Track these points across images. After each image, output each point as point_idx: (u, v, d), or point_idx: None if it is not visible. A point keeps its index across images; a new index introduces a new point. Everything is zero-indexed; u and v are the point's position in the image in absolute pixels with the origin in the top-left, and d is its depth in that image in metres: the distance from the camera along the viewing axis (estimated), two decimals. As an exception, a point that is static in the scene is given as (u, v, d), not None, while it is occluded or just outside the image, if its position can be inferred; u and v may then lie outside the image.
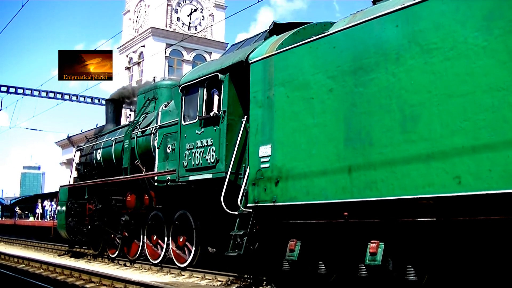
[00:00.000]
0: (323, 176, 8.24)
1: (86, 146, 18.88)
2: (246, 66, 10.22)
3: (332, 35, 8.53)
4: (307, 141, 8.61)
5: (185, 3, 52.73)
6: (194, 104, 11.52)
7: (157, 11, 49.50)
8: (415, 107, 7.05)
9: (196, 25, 52.08)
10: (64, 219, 18.06)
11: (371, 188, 7.46)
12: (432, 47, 6.95)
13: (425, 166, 6.83)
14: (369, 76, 7.73)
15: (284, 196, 8.88)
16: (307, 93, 8.72)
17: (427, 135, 6.86)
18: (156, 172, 13.20)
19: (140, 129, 14.61)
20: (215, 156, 10.63)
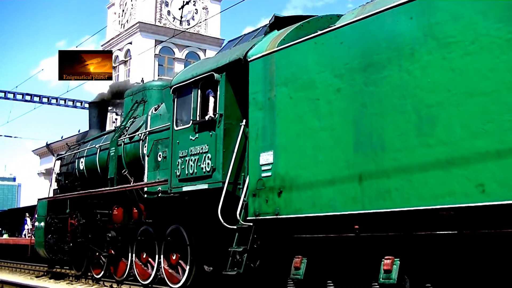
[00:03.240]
0: (331, 185, 8.25)
1: (67, 154, 18.87)
2: (244, 65, 10.23)
3: (339, 29, 8.55)
4: (312, 146, 8.62)
5: (176, -5, 52.85)
6: (188, 107, 11.53)
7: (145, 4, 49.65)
8: (432, 107, 7.06)
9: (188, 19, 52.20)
10: (43, 236, 18.02)
11: (384, 198, 7.47)
12: (450, 41, 6.96)
13: (444, 173, 6.83)
14: (380, 73, 7.74)
15: (288, 208, 8.88)
16: (312, 93, 8.73)
17: (446, 139, 6.87)
18: (145, 182, 13.20)
19: (128, 135, 14.62)
20: (211, 165, 10.63)
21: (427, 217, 7.15)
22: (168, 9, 52.17)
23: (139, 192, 13.63)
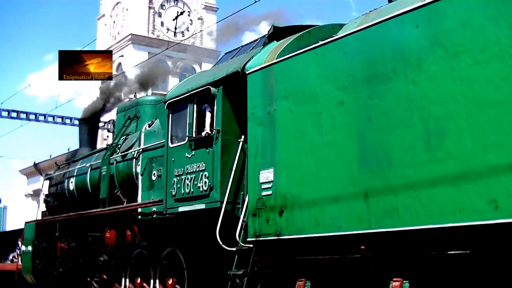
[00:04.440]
0: (335, 204, 8.24)
1: (56, 174, 18.87)
2: (242, 78, 10.25)
3: (342, 39, 8.57)
4: (315, 163, 8.62)
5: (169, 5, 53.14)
6: (183, 122, 11.54)
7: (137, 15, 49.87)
8: (440, 120, 7.06)
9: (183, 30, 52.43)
10: (31, 261, 17.97)
11: (392, 217, 7.46)
12: (459, 50, 6.97)
13: (454, 189, 6.82)
14: (385, 85, 7.76)
15: (290, 228, 8.87)
16: (314, 107, 8.74)
17: (455, 153, 6.87)
18: (139, 203, 13.18)
19: (120, 153, 14.62)
20: (209, 183, 10.63)
21: (437, 236, 7.13)
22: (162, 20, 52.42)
23: (132, 213, 13.61)
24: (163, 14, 52.66)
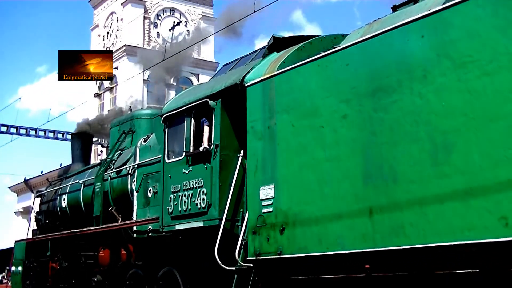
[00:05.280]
0: (339, 221, 8.23)
1: (48, 191, 18.85)
2: (241, 90, 10.26)
3: (345, 50, 8.59)
4: (317, 179, 8.61)
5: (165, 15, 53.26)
6: (180, 137, 11.54)
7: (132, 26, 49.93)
8: (448, 134, 7.06)
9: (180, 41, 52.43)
10: (21, 283, 17.95)
11: (398, 234, 7.44)
12: (466, 61, 6.98)
13: (462, 205, 6.82)
14: (390, 98, 7.76)
15: (292, 246, 8.85)
16: (316, 121, 8.75)
17: (463, 168, 6.86)
18: (135, 221, 13.16)
19: (115, 169, 14.62)
20: (207, 200, 10.61)
21: (445, 254, 7.12)
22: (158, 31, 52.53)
23: (127, 231, 13.58)
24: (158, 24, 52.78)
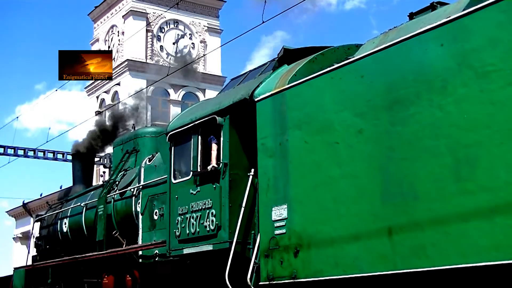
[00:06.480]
0: (356, 242, 8.21)
1: (48, 215, 18.85)
2: (251, 105, 10.27)
3: (359, 61, 8.59)
4: (333, 197, 8.59)
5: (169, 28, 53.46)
6: (187, 156, 11.55)
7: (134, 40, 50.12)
8: (470, 148, 7.03)
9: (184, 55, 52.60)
10: (21, 313, 17.93)
11: (419, 256, 7.40)
12: (489, 70, 6.94)
13: (488, 223, 6.77)
14: (408, 111, 7.75)
15: (307, 269, 8.82)
16: (330, 136, 8.74)
17: (488, 184, 6.83)
18: (140, 245, 13.15)
19: (118, 191, 14.62)
20: (216, 222, 10.59)
21: (470, 276, 7.08)
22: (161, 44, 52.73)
23: (132, 256, 13.57)
24: (162, 38, 52.97)
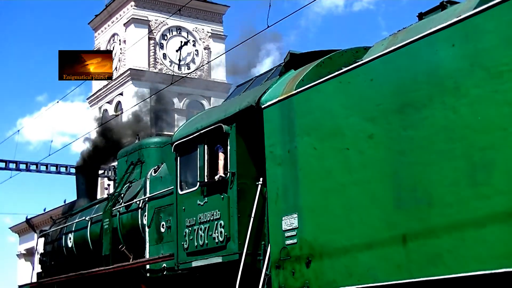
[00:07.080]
0: (369, 251, 8.18)
1: (52, 230, 18.87)
2: (258, 112, 10.25)
3: (368, 64, 8.57)
4: (344, 205, 8.57)
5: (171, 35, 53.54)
6: (193, 166, 11.54)
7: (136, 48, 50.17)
8: (486, 150, 6.99)
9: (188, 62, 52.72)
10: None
11: (435, 263, 7.37)
12: (503, 70, 6.90)
13: (506, 228, 6.73)
14: (420, 114, 7.72)
15: (320, 280, 8.79)
16: (340, 142, 8.72)
17: (505, 187, 6.78)
18: (147, 259, 13.14)
19: (124, 204, 14.62)
20: (225, 233, 10.58)
21: (490, 284, 7.02)
22: (164, 52, 52.79)
23: (140, 270, 13.56)
24: (165, 45, 53.03)
